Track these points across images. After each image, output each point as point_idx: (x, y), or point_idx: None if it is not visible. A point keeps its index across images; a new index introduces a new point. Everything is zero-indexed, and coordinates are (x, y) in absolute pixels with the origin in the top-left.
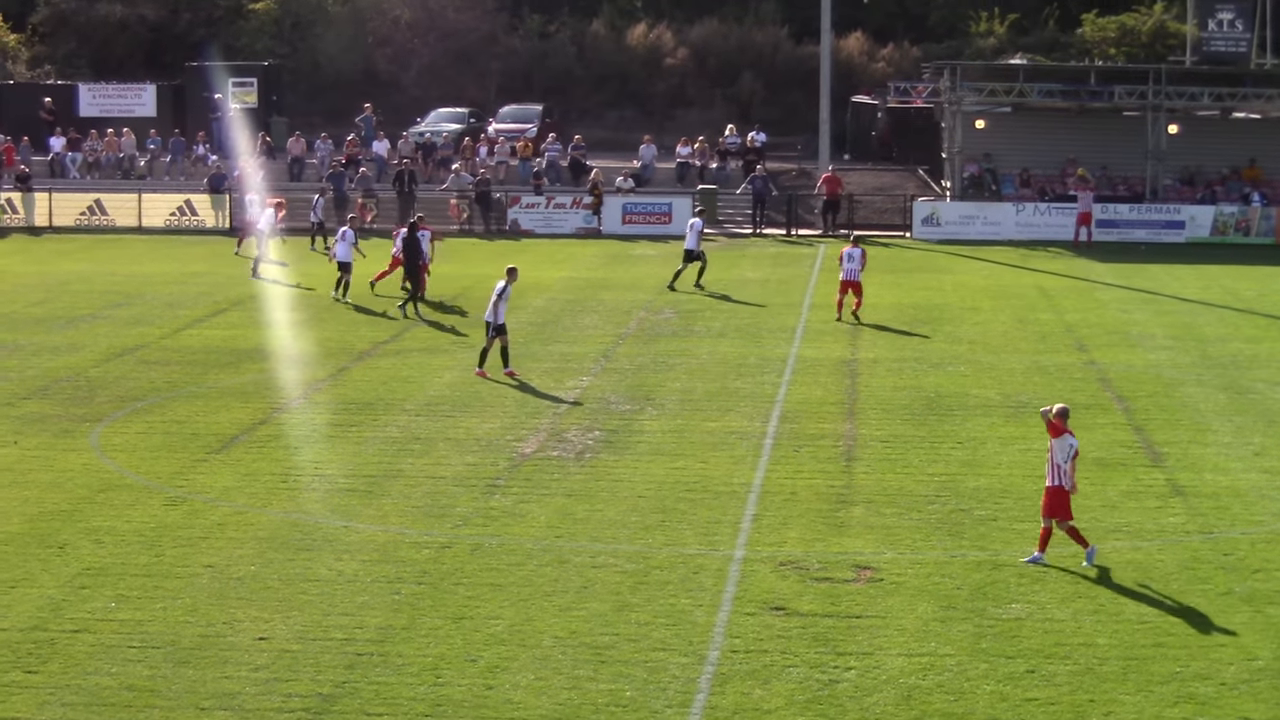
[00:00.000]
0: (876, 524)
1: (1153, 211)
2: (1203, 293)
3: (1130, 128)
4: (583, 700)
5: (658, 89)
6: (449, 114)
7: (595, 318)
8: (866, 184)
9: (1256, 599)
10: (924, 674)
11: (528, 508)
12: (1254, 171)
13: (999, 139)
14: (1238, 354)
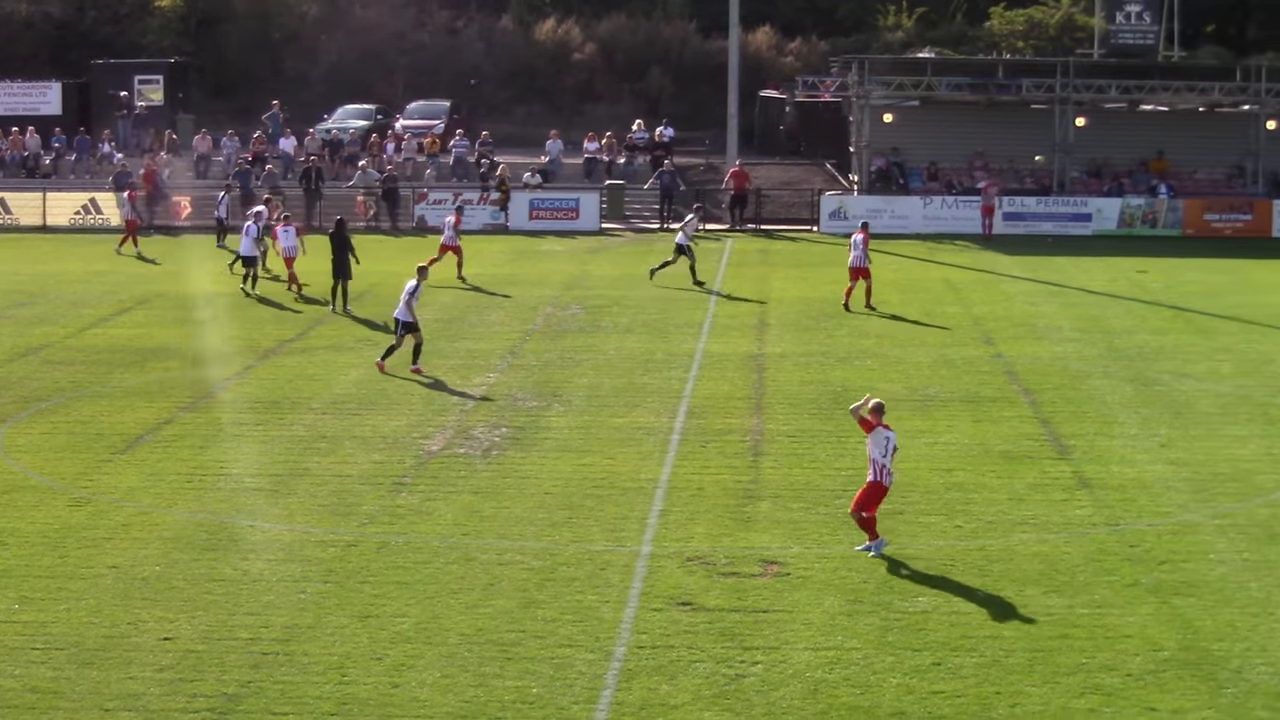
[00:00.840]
0: (783, 519)
1: (1060, 204)
2: (1109, 285)
3: (1038, 120)
4: (489, 698)
5: (565, 84)
6: (356, 110)
7: (502, 314)
8: (774, 178)
9: (1163, 590)
10: (831, 667)
11: (434, 505)
12: (1161, 164)
13: (907, 133)
14: (1144, 346)
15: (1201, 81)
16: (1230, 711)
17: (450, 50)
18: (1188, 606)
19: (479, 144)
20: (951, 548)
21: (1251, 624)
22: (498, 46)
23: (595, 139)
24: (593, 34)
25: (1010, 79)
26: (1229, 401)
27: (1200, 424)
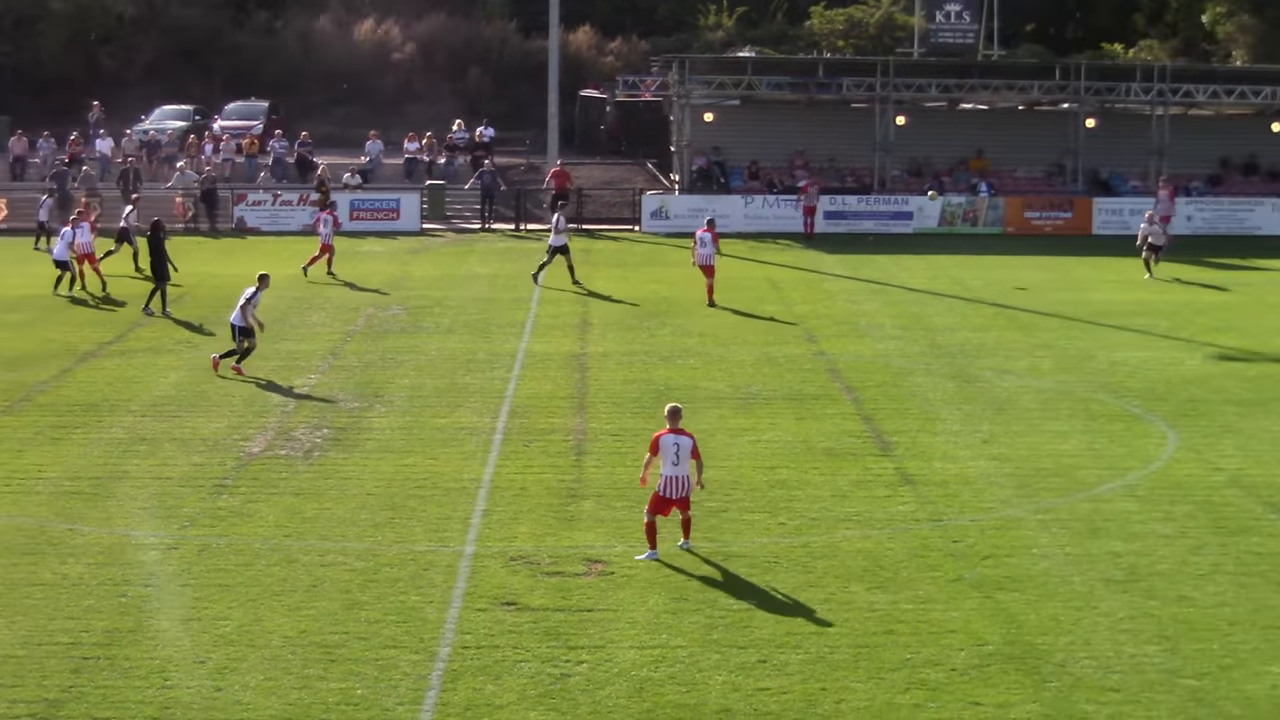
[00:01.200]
0: (607, 517)
1: (881, 202)
2: (930, 283)
3: (858, 119)
4: (313, 700)
5: (385, 84)
6: (174, 111)
7: (323, 315)
8: (595, 178)
9: (986, 585)
10: (656, 666)
11: (256, 507)
12: (981, 162)
13: (728, 132)
14: (965, 343)
15: (1021, 80)
16: (1054, 705)
17: (268, 50)
18: (1011, 601)
19: (298, 145)
20: (775, 545)
21: (1075, 618)
22: (316, 46)
23: (415, 139)
24: (412, 34)
25: (830, 78)
26: (1050, 397)
27: (1022, 420)
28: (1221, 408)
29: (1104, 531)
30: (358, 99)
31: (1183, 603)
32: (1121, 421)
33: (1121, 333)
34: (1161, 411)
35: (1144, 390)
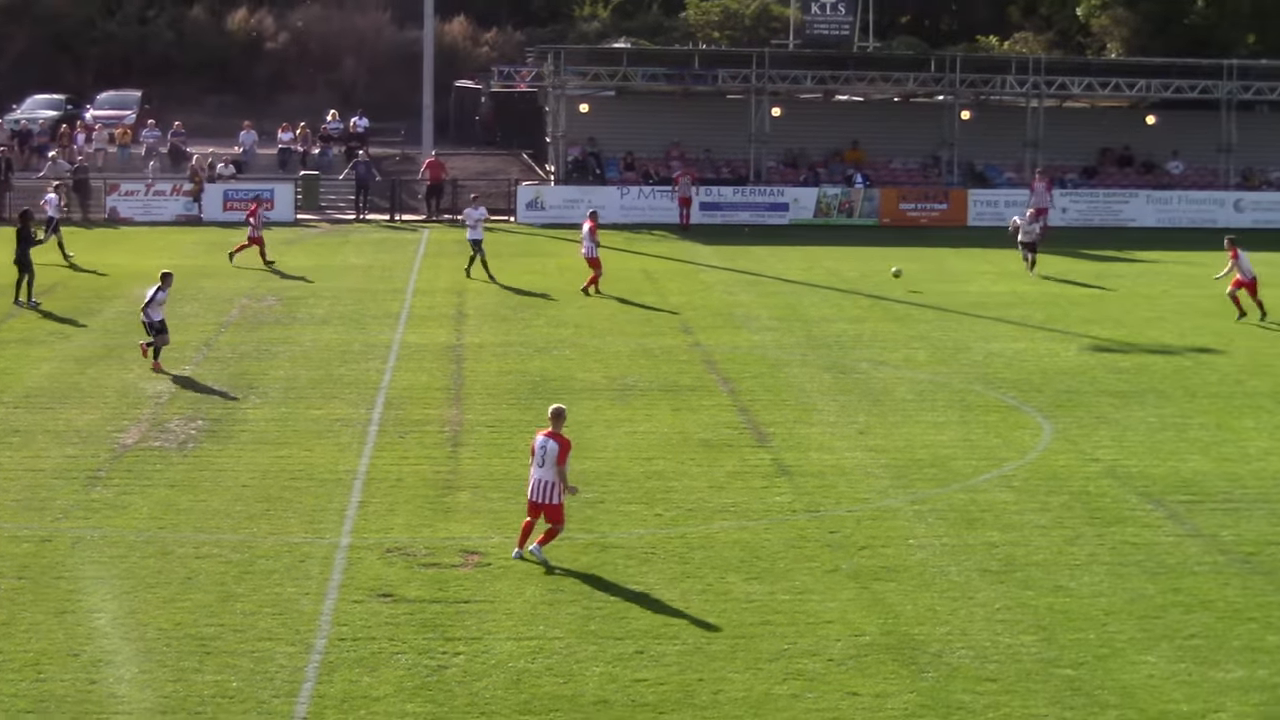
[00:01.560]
0: (483, 509)
1: (756, 194)
2: (806, 274)
3: (734, 111)
4: (188, 692)
5: (258, 74)
6: (45, 100)
7: (196, 306)
8: (470, 168)
9: (862, 575)
10: (533, 657)
11: (130, 499)
12: (856, 153)
13: (603, 123)
14: (841, 334)
15: (896, 72)
16: (931, 695)
17: (140, 39)
18: (888, 591)
19: (171, 134)
20: (652, 536)
21: (951, 608)
22: (189, 36)
23: (289, 129)
24: (286, 23)
25: (706, 69)
26: (926, 389)
27: (898, 411)
28: (1096, 399)
29: (980, 522)
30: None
31: (1059, 593)
32: (997, 413)
33: (997, 324)
34: (1037, 403)
35: (1019, 382)
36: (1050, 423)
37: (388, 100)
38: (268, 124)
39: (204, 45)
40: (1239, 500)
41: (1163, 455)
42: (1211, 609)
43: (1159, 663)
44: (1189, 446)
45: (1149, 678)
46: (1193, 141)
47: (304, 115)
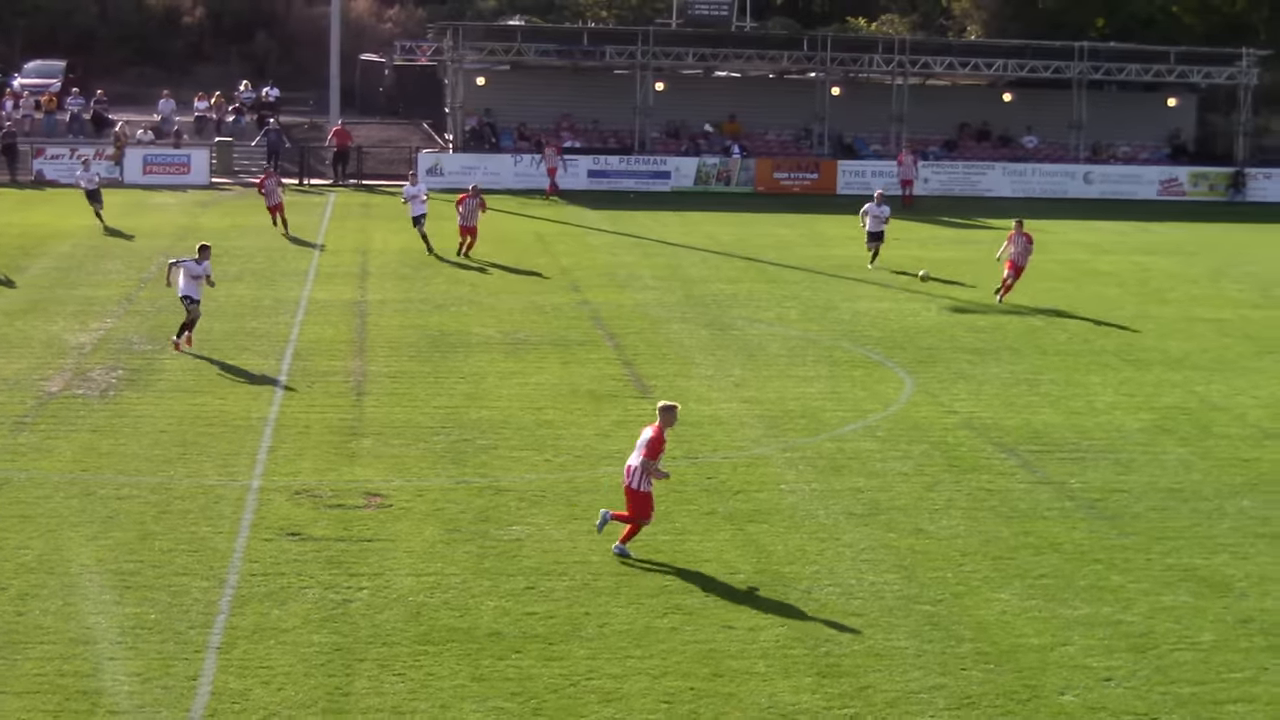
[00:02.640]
0: (385, 454)
1: (641, 163)
2: (686, 237)
3: (620, 85)
4: (110, 624)
5: (176, 47)
6: None
7: (118, 263)
8: (374, 136)
9: (737, 518)
10: (431, 592)
11: (54, 444)
12: (733, 126)
13: (498, 95)
14: (719, 294)
15: (771, 51)
16: (800, 627)
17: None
18: (761, 533)
19: (94, 102)
20: (542, 480)
21: (819, 549)
22: (111, 9)
23: (205, 98)
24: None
25: (594, 46)
26: (796, 345)
27: (771, 365)
28: (954, 355)
29: (846, 469)
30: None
31: (919, 535)
32: (863, 368)
33: (863, 285)
34: (899, 359)
35: (883, 339)
36: (912, 377)
37: (297, 72)
38: (185, 93)
39: (125, 19)
40: (1086, 450)
41: (1016, 408)
42: (1060, 551)
43: (1011, 600)
44: (1040, 400)
45: (1002, 614)
46: (1046, 118)
47: (219, 85)
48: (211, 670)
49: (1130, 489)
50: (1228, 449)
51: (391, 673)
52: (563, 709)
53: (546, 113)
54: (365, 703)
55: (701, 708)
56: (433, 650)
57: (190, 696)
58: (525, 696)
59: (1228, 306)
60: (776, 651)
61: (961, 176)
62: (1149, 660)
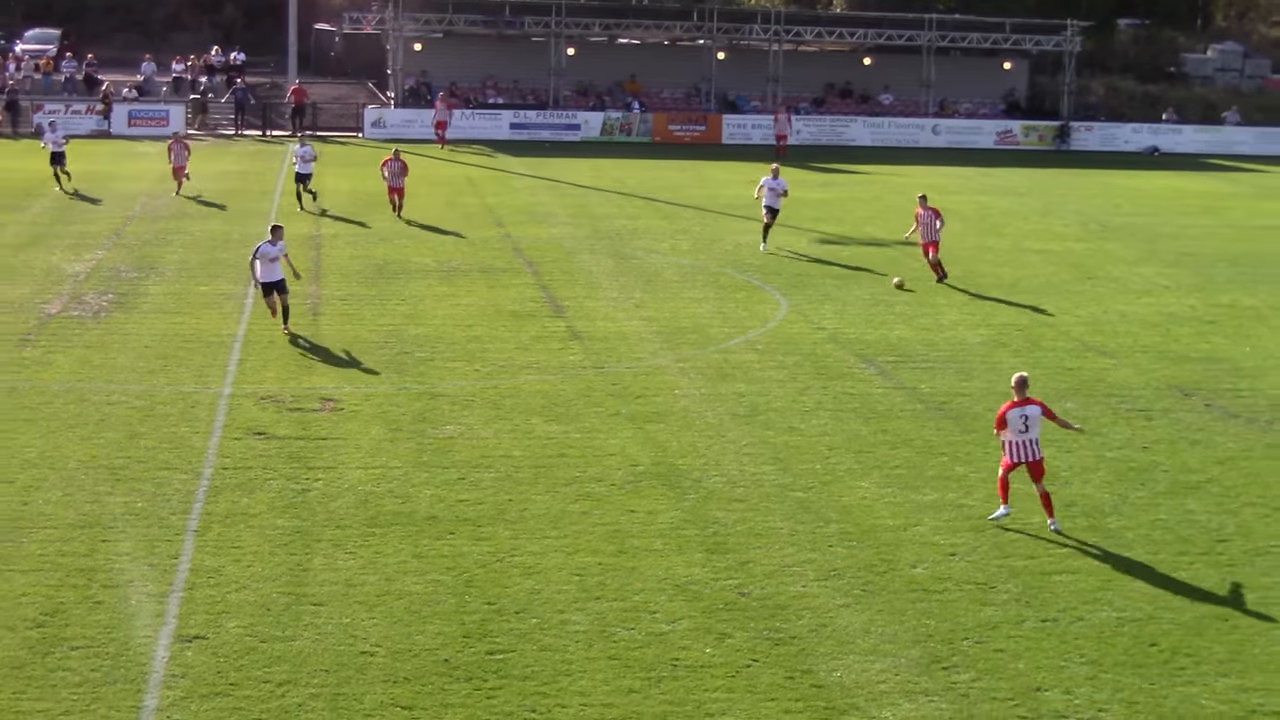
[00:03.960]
0: (339, 364)
1: (555, 117)
2: (594, 180)
3: (537, 50)
4: (103, 511)
5: (156, 16)
6: None
7: (108, 204)
8: (327, 94)
9: (638, 418)
10: (378, 482)
11: (54, 357)
12: (634, 85)
13: (433, 58)
14: (622, 228)
15: (666, 21)
16: (693, 512)
17: None
18: (658, 431)
19: (85, 65)
20: (472, 386)
21: (708, 444)
22: None
23: (181, 61)
24: None
25: (515, 17)
26: (688, 271)
27: (666, 289)
28: (822, 280)
29: (731, 377)
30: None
31: (792, 432)
32: (744, 291)
33: (744, 222)
34: (776, 283)
35: (761, 267)
36: (786, 299)
37: (260, 39)
38: (164, 57)
39: None
40: (933, 361)
41: (874, 325)
42: (911, 445)
43: (871, 487)
44: (895, 319)
45: (863, 499)
46: (900, 79)
47: (193, 49)
48: (190, 550)
49: (971, 393)
50: (1053, 360)
51: (344, 551)
52: (491, 581)
53: (474, 74)
54: (322, 577)
55: (608, 579)
56: (379, 532)
57: (173, 572)
58: (458, 571)
59: (1054, 240)
60: (671, 532)
61: (828, 129)
62: (987, 538)
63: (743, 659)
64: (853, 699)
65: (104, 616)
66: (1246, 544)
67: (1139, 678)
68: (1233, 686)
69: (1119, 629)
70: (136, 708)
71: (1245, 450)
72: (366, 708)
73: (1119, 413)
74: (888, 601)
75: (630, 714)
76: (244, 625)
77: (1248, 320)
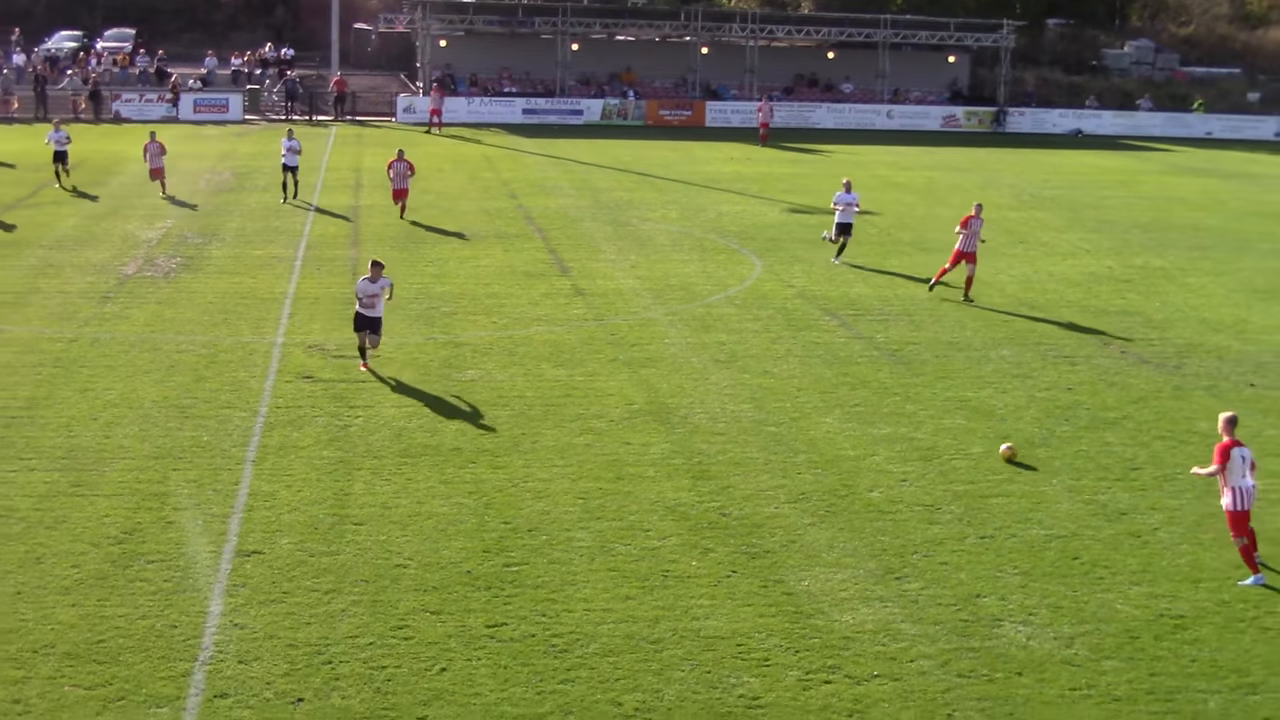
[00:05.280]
0: None
1: (561, 104)
2: (595, 158)
3: (546, 46)
4: (174, 443)
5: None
6: (68, 35)
7: (175, 179)
8: (364, 84)
9: (634, 364)
10: (409, 419)
11: (130, 312)
12: (630, 76)
13: (456, 53)
14: (619, 199)
15: (657, 20)
16: (680, 443)
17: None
18: (651, 375)
19: (157, 60)
20: (490, 337)
21: (694, 385)
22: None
23: (239, 56)
24: None
25: (527, 17)
26: (676, 237)
27: (658, 252)
28: (792, 245)
29: (713, 327)
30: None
31: (766, 375)
32: (724, 254)
33: (724, 194)
34: (751, 247)
35: (739, 233)
36: (761, 260)
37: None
38: (224, 53)
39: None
40: (888, 314)
41: (837, 284)
42: (868, 387)
43: (833, 423)
44: (855, 277)
45: (827, 433)
46: (859, 70)
47: (249, 46)
48: (248, 477)
49: (920, 342)
50: (991, 313)
51: (380, 478)
52: (506, 503)
53: (491, 66)
54: (361, 500)
55: (607, 502)
56: (410, 461)
57: (233, 496)
58: (479, 495)
59: (991, 209)
60: (662, 461)
61: (796, 113)
62: (934, 466)
63: (723, 570)
64: (818, 604)
65: (175, 535)
66: (1156, 471)
67: (1063, 586)
68: (1144, 593)
69: (1047, 544)
70: (203, 612)
71: (1155, 391)
72: (400, 612)
73: (1047, 359)
74: (848, 521)
75: (627, 618)
76: (295, 542)
77: (1158, 279)
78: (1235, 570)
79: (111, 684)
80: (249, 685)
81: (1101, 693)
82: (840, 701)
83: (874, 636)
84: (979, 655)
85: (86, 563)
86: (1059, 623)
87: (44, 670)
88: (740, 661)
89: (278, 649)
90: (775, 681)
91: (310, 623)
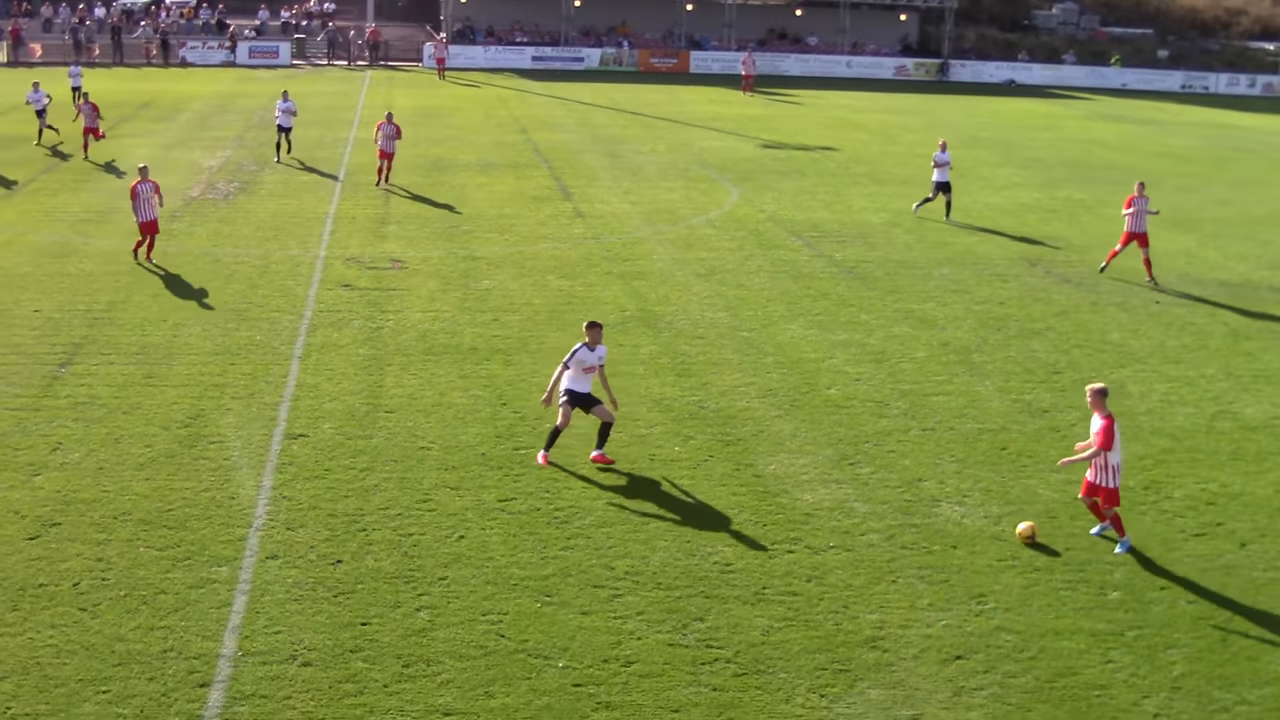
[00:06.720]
0: (404, 235)
1: (564, 52)
2: (594, 99)
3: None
4: (231, 340)
5: None
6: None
7: (233, 116)
8: (395, 34)
9: (626, 276)
10: (433, 322)
11: (195, 229)
12: (624, 28)
13: (475, 7)
14: (615, 135)
15: None
16: (665, 345)
17: None
18: (641, 286)
19: (217, 12)
20: (503, 252)
21: (678, 295)
22: None
23: (289, 9)
24: None
25: None
26: (664, 167)
27: (647, 180)
28: (764, 175)
29: (695, 246)
30: None
31: (740, 288)
32: (705, 183)
33: (706, 130)
34: (729, 177)
35: (719, 164)
36: (737, 189)
37: None
38: (275, 6)
39: None
40: (846, 236)
41: (802, 209)
42: (829, 299)
43: (798, 330)
44: (817, 204)
45: (792, 338)
46: (823, 26)
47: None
48: (295, 371)
49: (873, 260)
50: (935, 236)
51: (408, 373)
52: (516, 396)
53: (505, 19)
54: (392, 391)
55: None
56: (434, 359)
57: (282, 387)
58: (493, 388)
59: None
60: (649, 360)
61: (769, 63)
62: (884, 369)
63: (702, 455)
64: (783, 485)
65: (233, 419)
66: (1075, 375)
67: (993, 472)
68: (1062, 480)
69: (979, 436)
70: (258, 485)
71: (1075, 306)
72: (425, 488)
73: (982, 277)
74: (809, 414)
75: (618, 492)
76: (335, 427)
77: (1079, 210)
78: (1140, 461)
79: (179, 546)
80: (295, 548)
81: (1024, 564)
82: (801, 568)
83: (830, 513)
84: (920, 530)
85: (157, 443)
86: (989, 504)
87: (122, 534)
88: (715, 533)
89: (320, 518)
90: (745, 550)
91: (348, 496)
